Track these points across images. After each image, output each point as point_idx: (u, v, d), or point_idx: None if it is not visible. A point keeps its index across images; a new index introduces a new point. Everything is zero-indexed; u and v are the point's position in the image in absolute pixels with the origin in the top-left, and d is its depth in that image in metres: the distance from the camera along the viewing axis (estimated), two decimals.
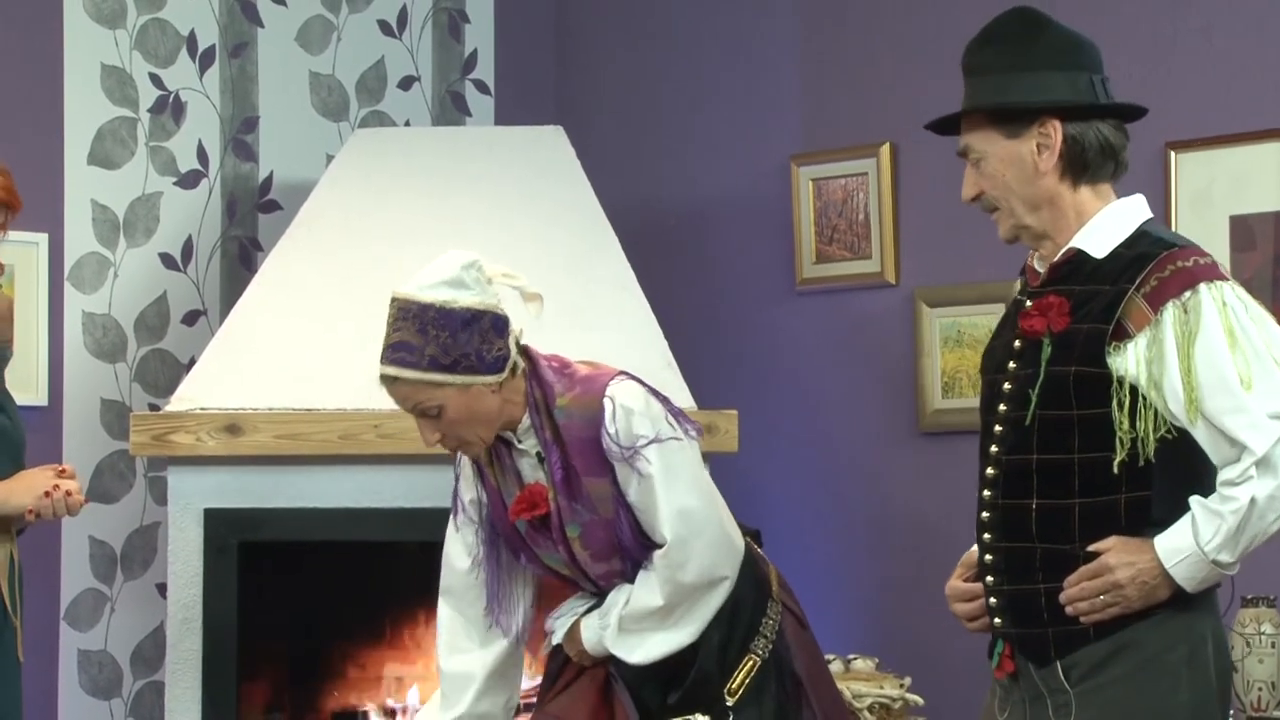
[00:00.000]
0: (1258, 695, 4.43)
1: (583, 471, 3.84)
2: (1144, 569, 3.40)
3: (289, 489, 5.19)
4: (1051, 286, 3.53)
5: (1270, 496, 3.36)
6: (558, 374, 3.90)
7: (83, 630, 5.60)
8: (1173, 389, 3.39)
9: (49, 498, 4.16)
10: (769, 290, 5.88)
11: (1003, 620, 3.54)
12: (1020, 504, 3.49)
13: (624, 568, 3.89)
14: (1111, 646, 3.43)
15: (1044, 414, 3.47)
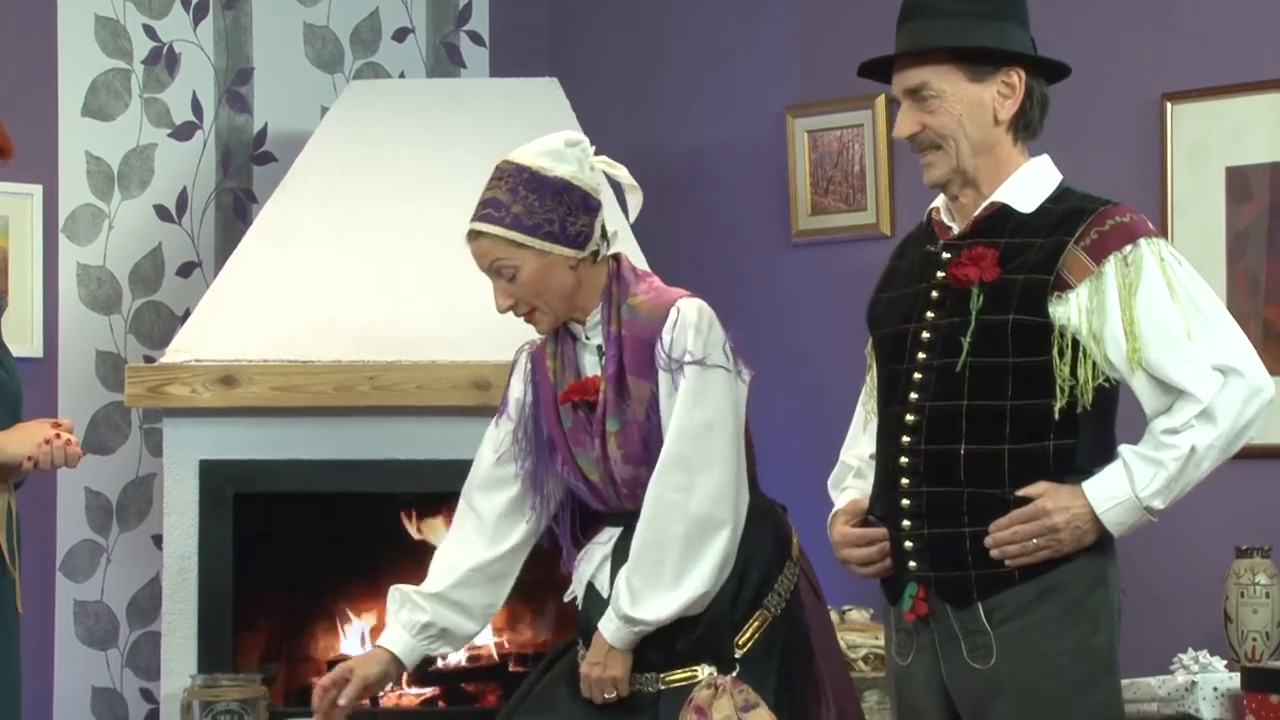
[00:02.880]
0: (1252, 645, 4.45)
1: (630, 369, 3.86)
2: (1077, 514, 3.51)
3: (284, 441, 5.20)
4: (974, 238, 3.59)
5: (1209, 445, 3.48)
6: (640, 279, 3.95)
7: (79, 581, 5.61)
8: (1114, 339, 3.49)
9: (48, 445, 4.16)
10: (764, 242, 5.88)
11: (919, 564, 3.60)
12: (947, 449, 3.56)
13: (648, 481, 3.87)
14: (1038, 589, 3.53)
15: (976, 361, 3.55)
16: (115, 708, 5.63)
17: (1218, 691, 4.27)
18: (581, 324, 3.92)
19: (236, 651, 5.19)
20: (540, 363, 3.98)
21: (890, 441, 3.65)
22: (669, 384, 3.85)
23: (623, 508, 3.94)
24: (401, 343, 5.22)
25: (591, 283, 3.90)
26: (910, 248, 3.76)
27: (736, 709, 3.82)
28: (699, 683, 3.83)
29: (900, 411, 3.63)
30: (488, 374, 5.12)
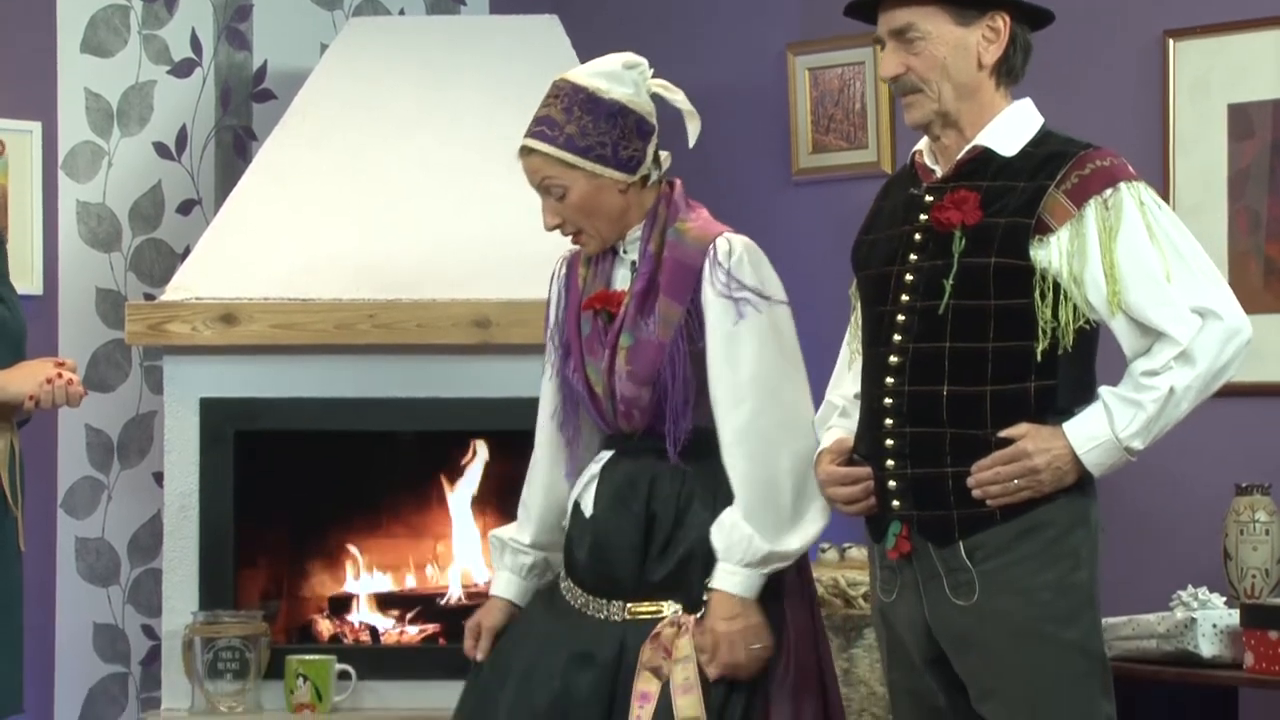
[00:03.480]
0: (1251, 582, 4.46)
1: (664, 289, 3.87)
2: (1058, 455, 3.56)
3: (285, 379, 5.20)
4: (957, 182, 3.61)
5: (1187, 386, 3.52)
6: (691, 208, 3.96)
7: (80, 518, 5.63)
8: (1094, 282, 3.54)
9: (50, 384, 4.16)
10: (765, 180, 5.87)
11: (902, 503, 3.65)
12: (930, 390, 3.60)
13: (649, 405, 3.88)
14: (1019, 528, 3.58)
15: (959, 303, 3.58)
16: (117, 644, 5.65)
17: (1217, 628, 4.28)
18: (622, 239, 3.93)
19: (238, 588, 5.21)
20: (574, 268, 4.01)
21: (874, 382, 3.68)
22: (728, 313, 3.85)
23: (618, 427, 3.95)
24: (402, 281, 5.21)
25: (639, 206, 3.91)
26: (894, 189, 3.79)
27: (697, 649, 3.84)
28: (663, 619, 3.86)
29: (884, 353, 3.66)
30: (488, 312, 5.12)
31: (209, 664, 5.06)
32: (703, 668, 3.82)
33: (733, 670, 3.81)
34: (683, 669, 3.81)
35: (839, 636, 4.93)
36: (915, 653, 3.72)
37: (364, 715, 5.08)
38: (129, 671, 5.66)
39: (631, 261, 3.93)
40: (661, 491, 3.91)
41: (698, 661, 3.82)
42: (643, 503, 3.90)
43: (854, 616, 4.94)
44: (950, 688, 3.72)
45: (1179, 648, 4.30)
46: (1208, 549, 4.63)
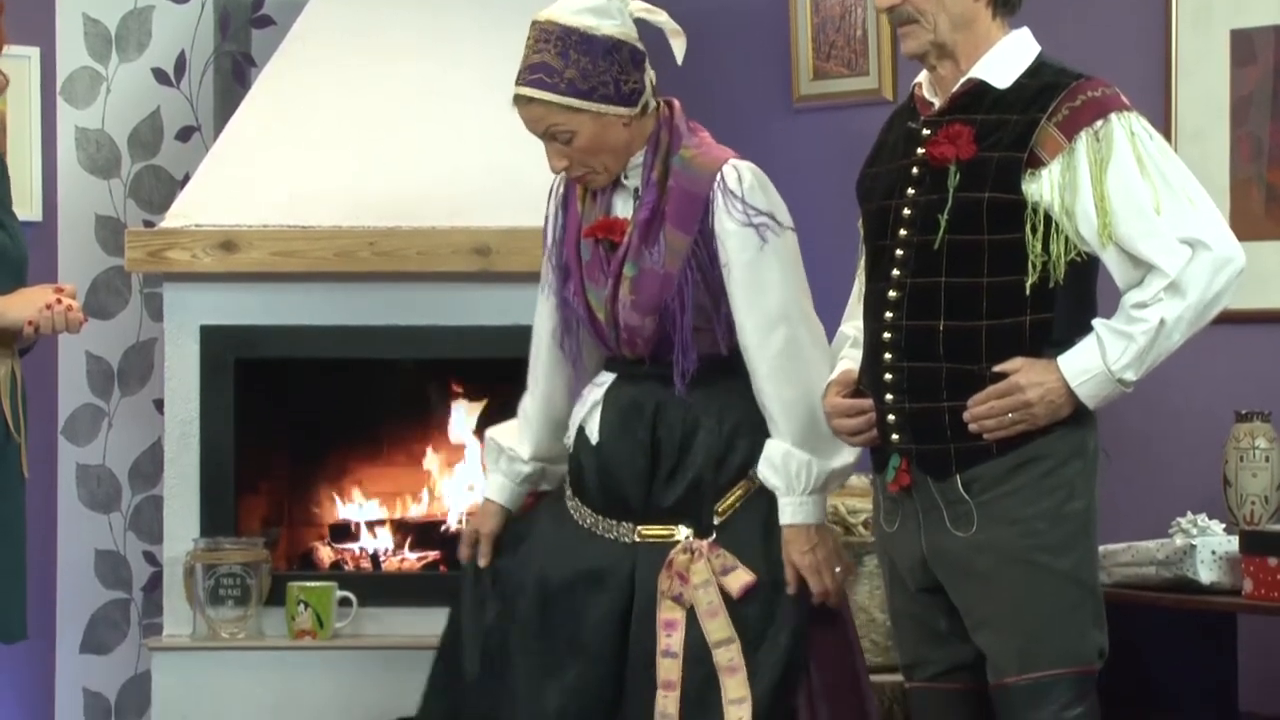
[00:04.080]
0: (1251, 509, 4.47)
1: (670, 218, 3.86)
2: (1051, 388, 3.57)
3: (285, 306, 5.20)
4: (952, 115, 3.62)
5: (1178, 318, 3.53)
6: (692, 132, 3.95)
7: (81, 445, 5.63)
8: (1085, 214, 3.55)
9: (49, 310, 4.16)
10: (766, 107, 5.85)
11: (902, 436, 3.67)
12: (926, 325, 3.61)
13: (652, 334, 3.89)
14: (1015, 461, 3.61)
15: (953, 238, 3.60)
16: (119, 570, 5.66)
17: (1216, 555, 4.29)
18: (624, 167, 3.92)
19: (238, 515, 5.21)
20: (573, 188, 4.00)
21: (874, 316, 3.70)
22: (750, 240, 3.85)
23: (620, 353, 3.95)
24: (402, 208, 5.20)
25: (641, 133, 3.90)
26: (896, 122, 3.80)
27: (714, 573, 3.87)
28: (675, 544, 3.87)
29: (884, 287, 3.67)
30: (488, 239, 5.11)
31: (210, 590, 5.07)
32: (724, 588, 3.85)
33: (824, 597, 3.87)
34: (705, 594, 3.84)
35: None
36: (911, 583, 3.74)
37: (365, 641, 5.10)
38: (130, 598, 5.68)
39: (634, 188, 3.91)
40: (667, 418, 3.91)
41: (718, 583, 3.84)
42: (648, 429, 3.90)
43: (854, 544, 4.94)
44: (949, 613, 3.74)
45: (1178, 574, 4.30)
46: (1207, 476, 4.63)
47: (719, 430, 3.91)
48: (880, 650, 4.94)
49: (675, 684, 3.83)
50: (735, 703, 3.83)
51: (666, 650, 3.85)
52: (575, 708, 3.89)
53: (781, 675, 3.85)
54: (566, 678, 3.89)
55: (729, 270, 3.86)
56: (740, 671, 3.83)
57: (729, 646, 3.83)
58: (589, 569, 3.90)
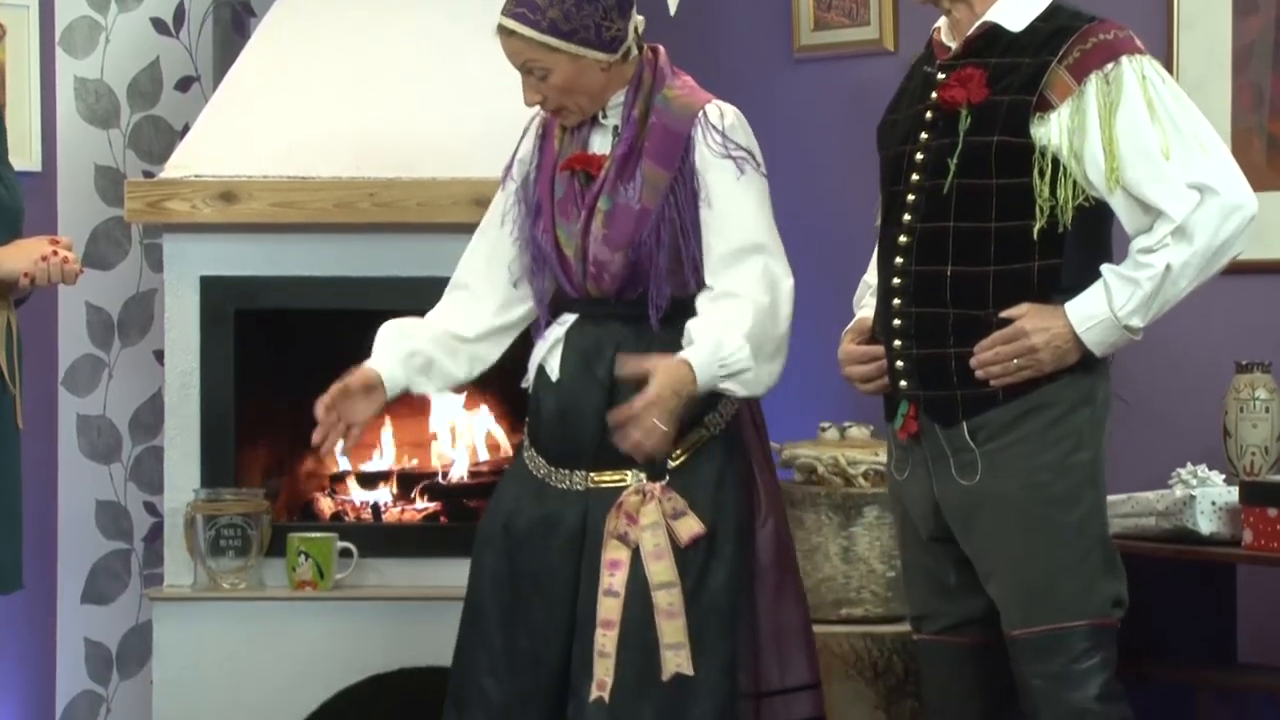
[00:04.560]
0: (1251, 459, 4.47)
1: (649, 154, 3.89)
2: (1057, 334, 3.57)
3: (285, 257, 5.19)
4: (966, 59, 3.61)
5: (1184, 263, 3.51)
6: (676, 75, 3.98)
7: (81, 395, 5.63)
8: (1093, 158, 3.53)
9: (45, 262, 4.16)
10: (766, 58, 5.83)
11: (909, 383, 3.67)
12: (935, 270, 3.61)
13: (619, 270, 3.91)
14: (1021, 408, 3.59)
15: (962, 183, 3.59)
16: (119, 521, 5.67)
17: (1215, 505, 4.29)
18: (602, 106, 3.94)
19: (239, 466, 5.22)
20: (550, 129, 4.03)
21: (885, 263, 3.70)
22: (728, 171, 3.88)
23: (585, 291, 3.97)
24: (402, 159, 5.20)
25: (620, 78, 3.92)
26: (916, 68, 3.80)
27: (665, 515, 3.88)
28: (627, 487, 3.89)
29: (895, 233, 3.67)
30: (488, 190, 5.04)
31: (211, 541, 5.08)
32: (673, 533, 3.87)
33: (634, 430, 3.75)
34: (652, 535, 3.86)
35: (839, 515, 4.94)
36: (924, 530, 3.74)
37: (365, 592, 5.11)
38: (131, 548, 5.69)
39: (613, 126, 3.94)
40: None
41: (667, 527, 3.86)
42: (607, 368, 3.93)
43: (853, 495, 4.95)
44: (959, 565, 3.74)
45: (1178, 525, 4.31)
46: (1207, 427, 4.63)
47: None
48: (880, 601, 4.95)
49: (614, 623, 3.87)
50: (673, 647, 3.85)
51: (609, 589, 3.87)
52: (541, 649, 3.93)
53: (721, 621, 3.88)
54: (533, 620, 3.94)
55: (707, 202, 3.88)
56: (679, 617, 3.86)
57: (670, 590, 3.86)
58: (546, 514, 3.95)
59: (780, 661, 3.98)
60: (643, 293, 3.92)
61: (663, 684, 3.85)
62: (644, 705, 3.85)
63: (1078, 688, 3.59)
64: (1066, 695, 3.59)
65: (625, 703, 3.85)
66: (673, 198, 3.89)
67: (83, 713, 5.60)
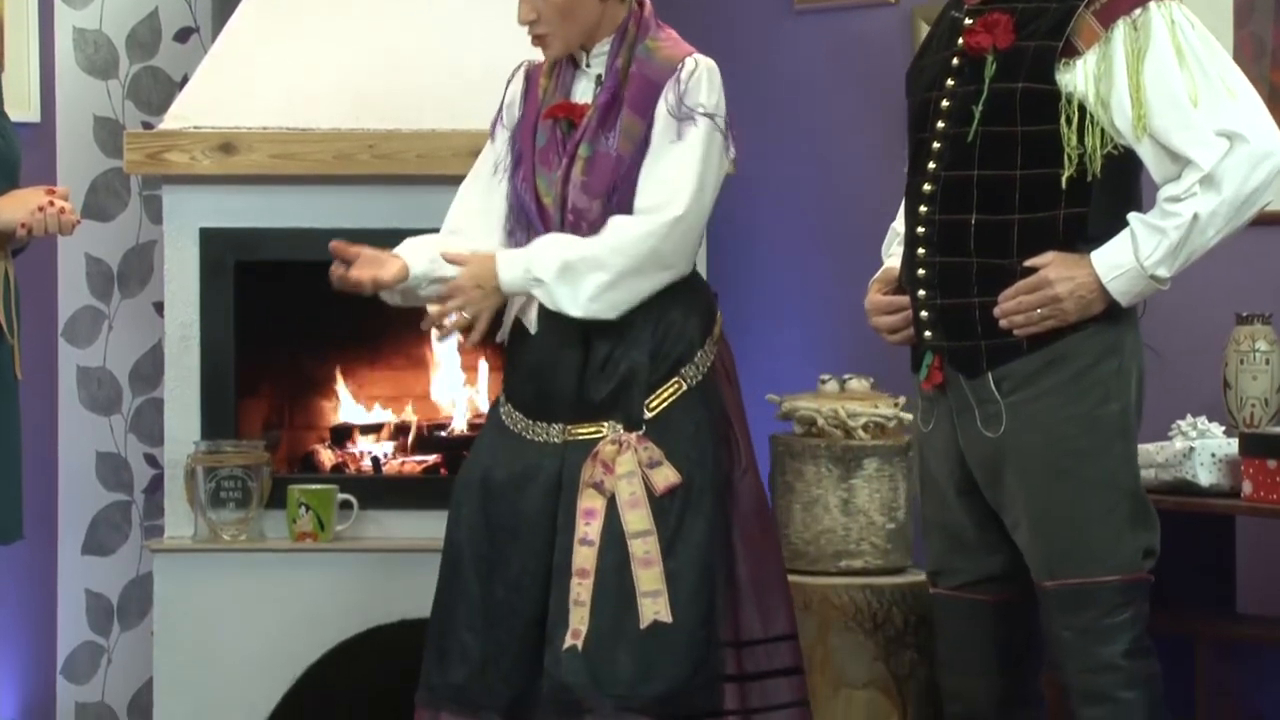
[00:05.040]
0: (1251, 411, 4.46)
1: (629, 103, 3.93)
2: (1082, 283, 3.52)
3: (285, 209, 5.18)
4: (993, 4, 3.56)
5: (1212, 213, 3.47)
6: (660, 27, 4.02)
7: (81, 347, 5.63)
8: (1120, 105, 3.48)
9: (42, 212, 4.15)
10: (765, 10, 5.81)
11: (934, 333, 3.64)
12: (959, 219, 3.57)
13: (597, 219, 3.94)
14: (1045, 359, 3.55)
15: (987, 130, 3.55)
16: (120, 473, 5.67)
17: (1215, 457, 4.29)
18: (586, 52, 3.98)
19: (239, 418, 5.21)
20: (534, 79, 4.06)
21: (911, 211, 3.68)
22: (670, 127, 3.91)
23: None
24: (402, 111, 5.19)
25: (611, 20, 3.96)
26: (945, 14, 3.75)
27: (640, 465, 3.90)
28: (604, 438, 3.90)
29: (920, 181, 3.64)
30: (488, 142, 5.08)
31: (211, 493, 5.08)
32: (648, 482, 3.88)
33: (447, 311, 3.91)
34: (628, 484, 3.89)
35: (838, 467, 4.94)
36: (947, 483, 3.72)
37: (366, 544, 5.11)
38: (132, 500, 5.69)
39: (596, 75, 3.97)
40: None
41: (643, 476, 3.88)
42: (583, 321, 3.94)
43: (853, 447, 4.95)
44: (981, 521, 3.72)
45: (1177, 477, 4.31)
46: (1207, 378, 4.63)
47: (653, 324, 3.95)
48: (880, 553, 4.95)
49: (589, 572, 3.89)
50: (650, 595, 3.88)
51: (584, 538, 3.90)
52: (518, 600, 3.96)
53: (698, 572, 3.90)
54: (509, 571, 3.97)
55: (650, 154, 3.92)
56: (656, 565, 3.88)
57: (646, 539, 3.88)
58: (523, 467, 3.97)
59: (761, 611, 3.99)
60: None
61: (639, 631, 3.87)
62: (620, 653, 3.87)
63: (1106, 642, 3.57)
64: (1095, 649, 3.58)
65: (601, 650, 3.87)
66: (646, 147, 3.91)
67: (84, 663, 5.61)
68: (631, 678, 3.86)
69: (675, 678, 3.87)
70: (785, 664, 4.02)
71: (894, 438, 5.02)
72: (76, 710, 5.58)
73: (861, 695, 4.91)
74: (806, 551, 4.95)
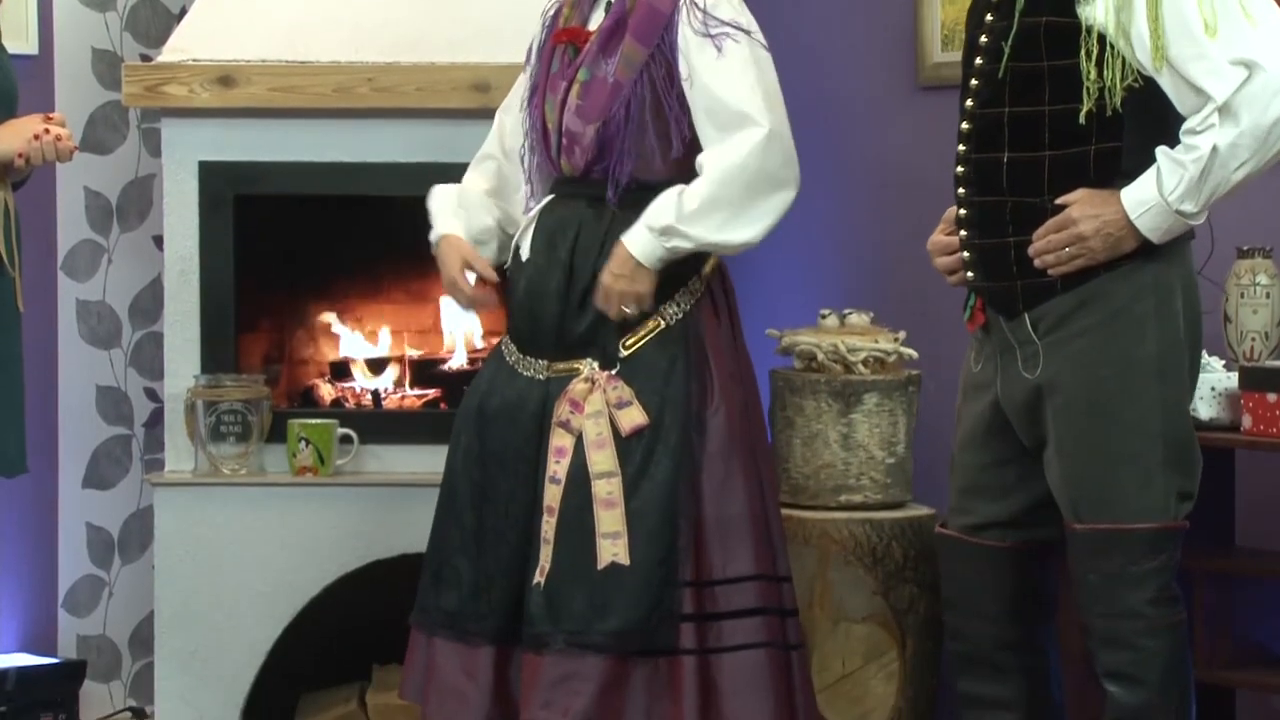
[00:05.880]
0: (1251, 345, 4.45)
1: (631, 30, 3.95)
2: (1109, 220, 3.48)
3: (284, 142, 5.17)
4: None
5: (1232, 145, 3.40)
6: None
7: (81, 280, 5.62)
8: (1139, 36, 3.44)
9: (38, 141, 4.14)
10: None
11: (975, 274, 3.63)
12: (992, 158, 3.55)
13: (590, 145, 3.98)
14: (1079, 298, 3.52)
15: (1016, 66, 3.52)
16: (120, 406, 5.68)
17: (1215, 391, 4.29)
18: None
19: (239, 352, 5.21)
20: (560, 9, 4.12)
21: (956, 151, 3.65)
22: (707, 48, 3.92)
23: (559, 168, 4.05)
24: (401, 43, 5.17)
25: None
26: None
27: (609, 404, 3.93)
28: (580, 375, 3.92)
29: (961, 120, 3.62)
30: (488, 75, 5.07)
31: (211, 427, 5.08)
32: (615, 422, 3.90)
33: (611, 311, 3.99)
34: (595, 424, 3.92)
35: (838, 402, 4.94)
36: (979, 421, 3.71)
37: (366, 478, 5.11)
38: (132, 434, 5.70)
39: (608, 2, 4.00)
40: (583, 241, 4.01)
41: (609, 415, 3.90)
42: (568, 249, 4.02)
43: (853, 382, 4.95)
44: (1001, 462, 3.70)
45: None
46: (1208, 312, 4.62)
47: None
48: (879, 488, 4.96)
49: (556, 510, 3.93)
50: (609, 536, 3.90)
51: (553, 476, 3.95)
52: (506, 529, 4.02)
53: (660, 512, 3.91)
54: (499, 500, 4.03)
55: (689, 81, 3.91)
56: (618, 506, 3.90)
57: (610, 480, 3.91)
58: (516, 397, 4.04)
59: (724, 551, 4.00)
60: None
61: (596, 572, 3.90)
62: (576, 592, 3.91)
63: (1133, 589, 3.55)
64: (1120, 595, 3.55)
65: (560, 587, 3.92)
66: (646, 75, 3.94)
67: (85, 596, 5.63)
68: (586, 614, 3.90)
69: (630, 616, 3.90)
70: (745, 604, 4.02)
71: (894, 372, 5.02)
72: (78, 643, 5.60)
73: (861, 629, 4.92)
74: (806, 486, 4.95)
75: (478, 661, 4.04)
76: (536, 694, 3.92)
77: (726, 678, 3.97)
